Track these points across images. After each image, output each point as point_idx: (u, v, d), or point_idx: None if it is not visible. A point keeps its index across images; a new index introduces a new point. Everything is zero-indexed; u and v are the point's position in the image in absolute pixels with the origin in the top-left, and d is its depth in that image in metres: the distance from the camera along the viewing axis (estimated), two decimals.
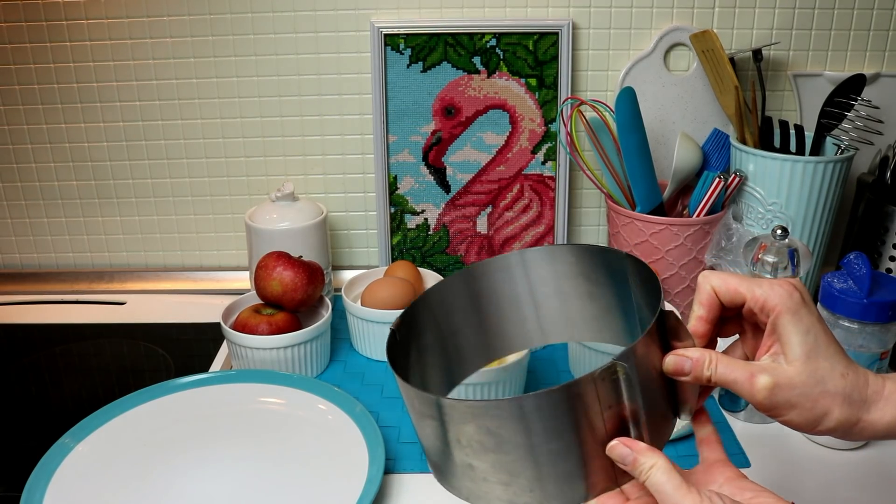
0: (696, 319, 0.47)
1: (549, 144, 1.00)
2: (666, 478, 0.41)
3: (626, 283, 0.55)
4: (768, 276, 0.74)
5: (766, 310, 0.46)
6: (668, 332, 0.46)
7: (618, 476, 0.45)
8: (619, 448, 0.43)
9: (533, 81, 0.97)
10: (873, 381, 0.46)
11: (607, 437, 0.44)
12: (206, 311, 0.96)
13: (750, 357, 0.49)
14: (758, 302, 0.46)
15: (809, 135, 0.90)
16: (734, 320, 0.49)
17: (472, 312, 0.59)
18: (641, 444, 0.43)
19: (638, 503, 0.45)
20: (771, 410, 0.45)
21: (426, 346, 0.57)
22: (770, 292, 0.46)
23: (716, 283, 0.47)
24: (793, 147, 0.90)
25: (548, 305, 0.60)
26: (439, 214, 1.02)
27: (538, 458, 0.44)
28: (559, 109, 0.97)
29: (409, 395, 0.46)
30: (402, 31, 0.95)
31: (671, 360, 0.45)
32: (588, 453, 0.44)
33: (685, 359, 0.45)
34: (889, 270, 0.88)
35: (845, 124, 0.88)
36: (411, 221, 1.03)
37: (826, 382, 0.44)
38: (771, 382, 0.44)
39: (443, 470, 0.48)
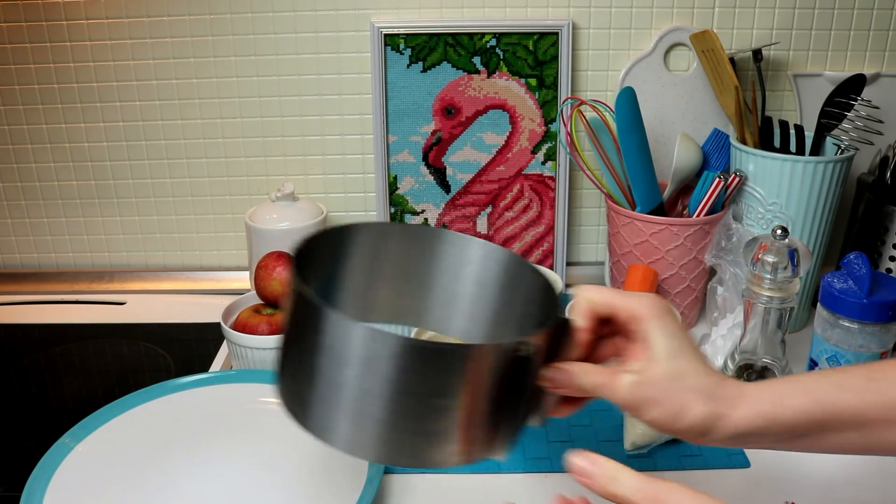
0: (579, 331, 0.51)
1: (549, 144, 1.00)
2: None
3: (518, 292, 0.56)
4: (769, 277, 0.74)
5: (635, 318, 0.49)
6: (559, 341, 0.50)
7: (476, 451, 0.47)
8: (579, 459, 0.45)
9: (533, 81, 0.97)
10: (735, 383, 0.48)
11: (488, 411, 0.46)
12: (206, 311, 0.96)
13: None
14: (627, 311, 0.50)
15: (809, 135, 0.90)
16: (610, 340, 0.52)
17: (368, 267, 0.58)
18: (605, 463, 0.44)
19: None
20: (635, 409, 0.48)
21: (313, 279, 0.54)
22: (638, 301, 0.50)
23: (591, 296, 0.51)
24: (793, 147, 0.90)
25: (464, 297, 0.60)
26: (439, 214, 1.02)
27: (421, 409, 0.44)
28: (559, 109, 0.97)
29: (324, 323, 0.44)
30: (402, 31, 0.95)
31: (547, 374, 0.49)
32: (465, 418, 0.45)
33: (559, 370, 0.49)
34: (889, 270, 0.88)
35: (845, 124, 0.88)
36: (411, 221, 1.03)
37: (686, 379, 0.47)
38: (633, 379, 0.48)
39: (326, 416, 0.46)
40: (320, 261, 0.54)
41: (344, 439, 0.45)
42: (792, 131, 0.90)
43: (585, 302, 0.51)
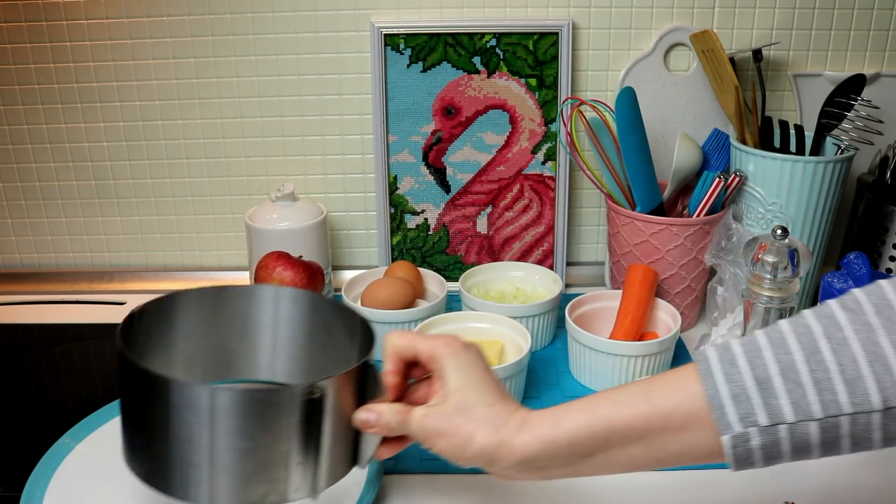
0: (386, 374, 0.55)
1: (549, 144, 0.99)
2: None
3: (355, 341, 0.61)
4: (768, 277, 0.74)
5: (433, 357, 0.53)
6: (366, 383, 0.54)
7: (289, 491, 0.51)
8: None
9: (533, 81, 0.97)
10: (521, 413, 0.51)
11: (291, 451, 0.50)
12: None
13: None
14: (427, 352, 0.54)
15: (809, 135, 0.90)
16: (424, 381, 0.56)
17: (211, 327, 0.64)
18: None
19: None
20: (425, 441, 0.51)
21: (159, 345, 0.61)
22: (435, 343, 0.54)
23: (396, 341, 0.55)
24: (793, 147, 0.90)
25: (283, 345, 0.66)
26: (439, 214, 1.02)
27: (229, 453, 0.49)
28: (559, 109, 0.97)
29: (176, 389, 0.49)
30: (402, 31, 0.95)
31: (358, 416, 0.53)
32: (269, 459, 0.50)
33: (369, 411, 0.53)
34: (889, 270, 0.88)
35: (845, 124, 0.88)
36: (411, 221, 1.03)
37: (471, 411, 0.50)
38: (422, 413, 0.51)
39: (181, 477, 0.50)
40: (148, 333, 0.60)
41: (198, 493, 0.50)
42: (792, 131, 0.90)
43: (390, 346, 0.55)
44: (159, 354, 0.62)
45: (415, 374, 0.57)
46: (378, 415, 0.52)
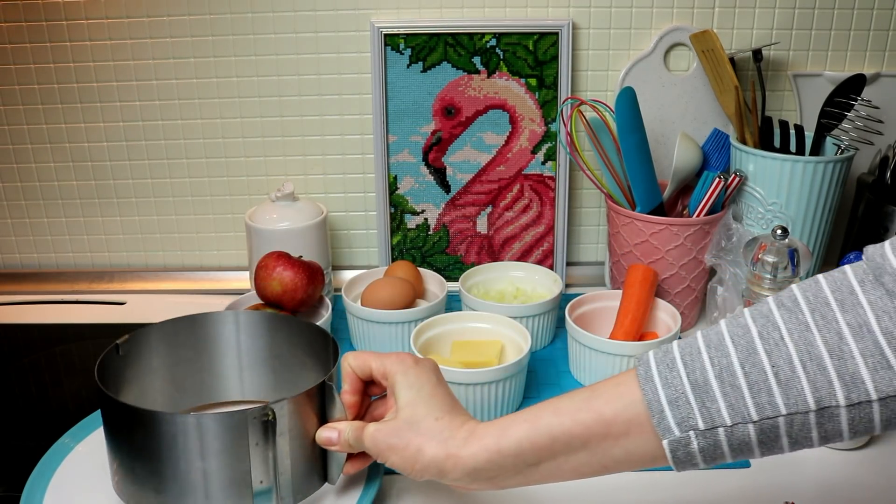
0: (343, 393, 0.58)
1: (549, 144, 0.99)
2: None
3: (329, 361, 0.64)
4: (768, 277, 0.74)
5: (385, 375, 0.56)
6: (326, 403, 0.57)
7: None
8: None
9: (533, 81, 0.97)
10: (469, 425, 0.52)
11: (251, 470, 0.53)
12: (205, 311, 0.95)
13: None
14: (379, 370, 0.56)
15: (809, 135, 0.90)
16: (382, 402, 0.59)
17: (197, 352, 0.69)
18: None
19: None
20: (379, 455, 0.53)
21: (151, 369, 0.66)
22: (387, 360, 0.56)
23: (351, 361, 0.57)
24: (793, 147, 0.90)
25: (249, 367, 0.70)
26: (439, 214, 1.02)
27: (189, 474, 0.52)
28: (559, 109, 0.97)
29: (139, 417, 0.53)
30: (402, 31, 0.95)
31: (319, 434, 0.56)
32: (232, 479, 0.53)
33: (331, 431, 0.56)
34: None
35: (845, 124, 0.88)
36: (411, 221, 1.03)
37: (419, 425, 0.52)
38: (374, 428, 0.53)
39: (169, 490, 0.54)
40: (121, 368, 0.64)
41: None
42: (792, 131, 0.90)
43: (346, 366, 0.57)
44: (137, 386, 0.65)
45: (374, 392, 0.59)
46: (339, 433, 0.56)
